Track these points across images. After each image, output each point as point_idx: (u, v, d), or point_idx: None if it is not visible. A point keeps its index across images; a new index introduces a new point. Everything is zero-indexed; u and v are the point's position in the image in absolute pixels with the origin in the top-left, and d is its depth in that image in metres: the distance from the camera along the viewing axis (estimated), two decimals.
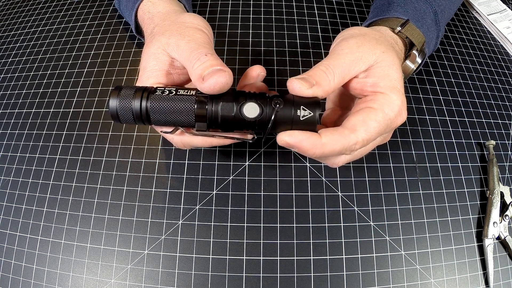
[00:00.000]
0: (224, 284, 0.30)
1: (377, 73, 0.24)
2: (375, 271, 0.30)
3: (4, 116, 0.39)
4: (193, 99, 0.23)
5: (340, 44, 0.26)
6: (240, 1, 0.46)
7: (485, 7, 0.50)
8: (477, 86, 0.42)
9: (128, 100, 0.23)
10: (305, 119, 0.23)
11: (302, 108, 0.23)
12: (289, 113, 0.23)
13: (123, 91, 0.23)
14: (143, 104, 0.23)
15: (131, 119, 0.24)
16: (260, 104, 0.23)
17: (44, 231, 0.32)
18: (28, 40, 0.45)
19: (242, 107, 0.23)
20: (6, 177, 0.35)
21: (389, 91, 0.24)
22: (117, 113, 0.23)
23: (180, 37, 0.25)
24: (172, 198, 0.33)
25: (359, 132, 0.22)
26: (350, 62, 0.24)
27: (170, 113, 0.23)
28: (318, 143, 0.22)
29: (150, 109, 0.23)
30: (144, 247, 0.31)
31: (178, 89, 0.24)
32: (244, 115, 0.23)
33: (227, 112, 0.23)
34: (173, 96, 0.23)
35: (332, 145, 0.22)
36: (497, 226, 0.32)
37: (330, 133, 0.22)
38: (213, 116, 0.23)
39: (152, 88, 0.24)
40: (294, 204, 0.32)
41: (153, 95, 0.23)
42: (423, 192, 0.34)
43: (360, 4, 0.47)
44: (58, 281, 0.31)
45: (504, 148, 0.38)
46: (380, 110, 0.23)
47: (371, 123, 0.23)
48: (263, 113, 0.23)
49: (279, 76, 0.39)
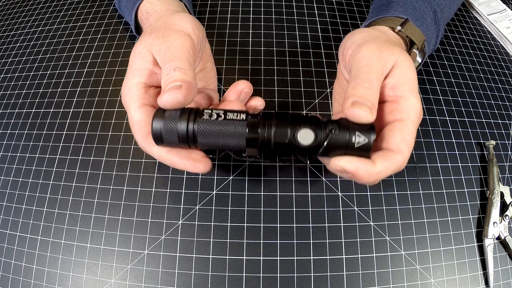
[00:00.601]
0: (224, 284, 0.30)
1: (396, 74, 0.25)
2: (375, 271, 0.30)
3: (4, 116, 0.39)
4: (244, 124, 0.22)
5: (361, 52, 0.25)
6: (240, 1, 0.46)
7: (485, 7, 0.50)
8: (477, 86, 0.42)
9: (174, 122, 0.22)
10: (359, 146, 0.22)
11: (357, 134, 0.22)
12: (343, 139, 0.22)
13: (167, 112, 0.23)
14: (189, 126, 0.22)
15: (175, 140, 0.23)
16: (315, 130, 0.22)
17: (44, 231, 0.32)
18: (28, 40, 0.45)
19: (297, 133, 0.22)
20: (6, 177, 0.35)
21: (409, 94, 0.24)
22: (161, 134, 0.23)
23: (162, 41, 0.25)
24: (172, 198, 0.33)
25: (404, 152, 0.23)
26: (382, 71, 0.24)
27: (219, 137, 0.23)
28: (374, 171, 0.22)
29: (198, 132, 0.22)
30: (144, 247, 0.31)
31: (227, 112, 0.23)
32: (298, 142, 0.22)
33: (281, 138, 0.22)
34: (222, 121, 0.23)
35: (385, 172, 0.22)
36: (497, 226, 0.32)
37: (383, 159, 0.22)
38: (266, 141, 0.23)
39: (199, 110, 0.23)
40: (294, 204, 0.32)
41: (201, 118, 0.23)
42: (423, 192, 0.34)
43: (360, 4, 0.47)
44: (58, 281, 0.31)
45: (504, 148, 0.38)
46: (409, 121, 0.23)
47: (408, 138, 0.23)
48: (317, 139, 0.22)
49: (279, 76, 0.39)
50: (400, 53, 0.25)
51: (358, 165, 0.22)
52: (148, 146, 0.24)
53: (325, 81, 0.39)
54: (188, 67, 0.24)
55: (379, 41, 0.26)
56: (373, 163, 0.22)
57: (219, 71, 0.39)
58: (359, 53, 0.25)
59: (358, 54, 0.25)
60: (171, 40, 0.25)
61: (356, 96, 0.23)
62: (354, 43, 0.27)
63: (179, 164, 0.24)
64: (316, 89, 0.38)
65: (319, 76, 0.39)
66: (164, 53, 0.25)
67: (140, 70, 0.25)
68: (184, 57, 0.25)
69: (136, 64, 0.26)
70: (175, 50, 0.25)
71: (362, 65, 0.25)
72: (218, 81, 0.38)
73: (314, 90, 0.38)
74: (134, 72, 0.25)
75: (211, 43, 0.41)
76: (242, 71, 0.40)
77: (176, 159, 0.24)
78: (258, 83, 0.39)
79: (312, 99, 0.38)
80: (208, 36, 0.37)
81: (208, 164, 0.24)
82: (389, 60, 0.25)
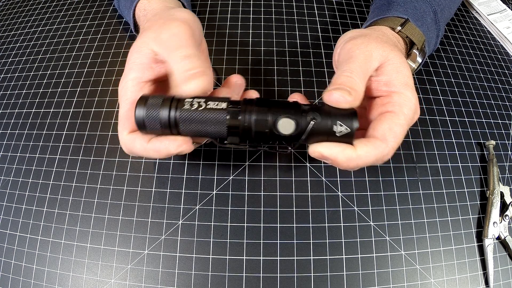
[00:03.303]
0: (224, 284, 0.30)
1: (389, 70, 0.24)
2: (375, 271, 0.30)
3: (4, 116, 0.39)
4: (224, 113, 0.23)
5: (346, 47, 0.26)
6: (240, 1, 0.46)
7: (485, 7, 0.50)
8: (477, 86, 0.42)
9: (156, 109, 0.23)
10: (341, 135, 0.22)
11: (339, 123, 0.22)
12: (325, 128, 0.22)
13: (150, 100, 0.23)
14: (171, 113, 0.23)
15: (158, 127, 0.23)
16: (295, 119, 0.22)
17: (44, 231, 0.32)
18: (28, 40, 0.45)
19: (277, 122, 0.22)
20: (6, 177, 0.35)
21: (403, 89, 0.24)
22: (143, 121, 0.23)
23: (162, 31, 0.25)
24: (172, 198, 0.33)
25: (389, 141, 0.22)
26: (364, 61, 0.24)
27: (201, 126, 0.23)
28: (353, 155, 0.22)
29: (180, 119, 0.23)
30: (144, 247, 0.31)
31: (208, 101, 0.23)
32: (278, 131, 0.22)
33: (261, 127, 0.22)
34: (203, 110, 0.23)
35: (366, 157, 0.22)
36: (497, 226, 0.32)
37: (364, 144, 0.22)
38: (246, 129, 0.23)
39: (181, 98, 0.23)
40: (294, 204, 0.32)
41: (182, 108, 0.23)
42: (423, 192, 0.34)
43: (360, 4, 0.47)
44: (58, 281, 0.31)
45: (504, 148, 0.38)
46: (401, 113, 0.23)
47: (397, 129, 0.23)
48: (298, 128, 0.22)
49: (279, 76, 0.39)
50: (390, 50, 0.25)
51: (336, 150, 0.22)
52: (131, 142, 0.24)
53: (325, 81, 0.39)
54: (197, 53, 0.24)
55: (367, 37, 0.26)
56: (353, 148, 0.22)
57: (219, 71, 0.39)
58: (344, 49, 0.26)
59: (344, 50, 0.26)
60: (173, 27, 0.25)
61: (336, 84, 0.23)
62: (342, 41, 0.27)
63: (163, 150, 0.23)
64: (316, 89, 0.38)
65: (319, 76, 0.39)
66: (168, 41, 0.24)
67: (137, 65, 0.25)
68: (191, 43, 0.24)
69: (134, 58, 0.26)
70: (179, 37, 0.24)
71: (345, 59, 0.25)
72: (218, 81, 0.38)
73: (314, 90, 0.38)
74: (131, 67, 0.25)
75: (211, 43, 0.41)
76: (242, 71, 0.40)
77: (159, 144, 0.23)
78: (258, 83, 0.39)
79: (312, 99, 0.38)
80: (208, 36, 0.37)
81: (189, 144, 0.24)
82: (376, 53, 0.24)
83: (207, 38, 0.34)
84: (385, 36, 0.30)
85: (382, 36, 0.29)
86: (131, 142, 0.24)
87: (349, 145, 0.22)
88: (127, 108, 0.25)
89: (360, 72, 0.23)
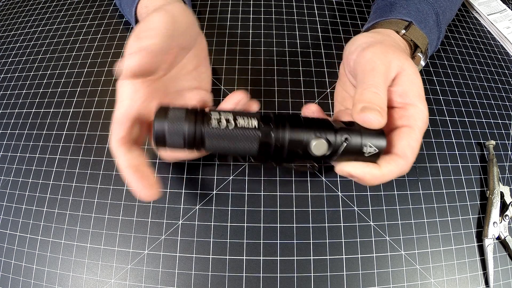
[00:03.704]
0: (224, 284, 0.30)
1: (404, 81, 0.25)
2: (375, 271, 0.30)
3: (4, 116, 0.39)
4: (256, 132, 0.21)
5: (365, 56, 0.25)
6: (240, 1, 0.46)
7: (485, 7, 0.50)
8: (477, 86, 0.42)
9: (179, 123, 0.21)
10: (369, 155, 0.23)
11: (369, 145, 0.22)
12: (355, 149, 0.22)
13: (171, 112, 0.21)
14: (197, 129, 0.21)
15: (180, 144, 0.22)
16: (328, 140, 0.22)
17: (44, 231, 0.32)
18: (28, 40, 0.45)
19: (311, 144, 0.22)
20: (6, 177, 0.35)
21: (418, 101, 0.24)
22: (164, 136, 0.21)
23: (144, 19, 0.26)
24: (172, 198, 0.33)
25: (409, 158, 0.23)
26: (386, 74, 0.24)
27: (230, 145, 0.22)
28: (378, 174, 0.23)
29: (207, 135, 0.21)
30: (144, 247, 0.31)
31: (237, 117, 0.22)
32: (311, 152, 0.22)
33: (294, 147, 0.22)
34: (233, 129, 0.21)
35: (390, 175, 0.23)
36: (497, 226, 0.32)
37: (388, 163, 0.23)
38: (278, 150, 0.22)
39: (206, 112, 0.22)
40: (294, 204, 0.32)
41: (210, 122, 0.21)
42: (423, 192, 0.34)
43: (360, 4, 0.47)
44: (58, 281, 0.31)
45: (504, 148, 0.38)
46: (416, 127, 0.24)
47: (414, 144, 0.24)
48: (330, 149, 0.22)
49: (279, 76, 0.39)
50: (405, 59, 0.25)
51: (364, 170, 0.23)
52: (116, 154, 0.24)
53: (325, 81, 0.39)
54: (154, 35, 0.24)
55: (384, 45, 0.26)
56: (378, 167, 0.23)
57: (219, 71, 0.39)
58: (364, 58, 0.25)
59: (363, 59, 0.26)
60: (150, 16, 0.26)
61: (364, 102, 0.23)
62: (359, 47, 0.27)
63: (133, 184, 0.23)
64: (316, 89, 0.38)
65: (319, 76, 0.39)
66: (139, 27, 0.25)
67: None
68: (154, 26, 0.25)
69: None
70: (148, 22, 0.25)
71: (367, 69, 0.25)
72: (218, 81, 0.38)
73: (314, 90, 0.38)
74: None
75: (211, 43, 0.41)
76: (242, 71, 0.40)
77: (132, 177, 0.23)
78: (258, 83, 0.39)
79: (312, 99, 0.38)
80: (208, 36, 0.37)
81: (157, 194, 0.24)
82: (394, 64, 0.25)
83: (207, 38, 0.34)
84: (396, 43, 0.30)
85: (394, 43, 0.29)
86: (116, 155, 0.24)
87: (375, 164, 0.23)
88: (123, 111, 0.24)
89: (384, 87, 0.24)
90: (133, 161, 0.23)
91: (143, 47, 0.24)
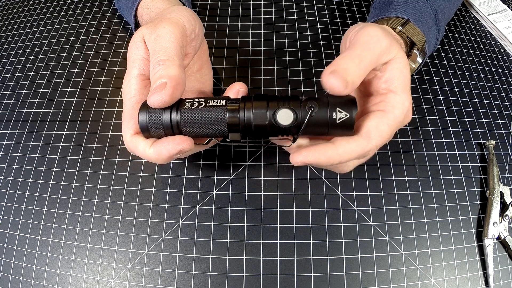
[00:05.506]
0: (224, 284, 0.30)
1: (394, 69, 0.24)
2: (375, 271, 0.30)
3: (4, 116, 0.39)
4: (223, 109, 0.23)
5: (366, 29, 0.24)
6: (240, 1, 0.46)
7: (485, 7, 0.50)
8: (477, 86, 0.42)
9: (158, 114, 0.23)
10: (341, 121, 0.22)
11: (338, 110, 0.22)
12: (324, 116, 0.22)
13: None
14: (173, 116, 0.23)
15: (161, 132, 0.24)
16: (294, 109, 0.22)
17: (44, 231, 0.32)
18: (28, 40, 0.45)
19: (276, 114, 0.22)
20: (6, 177, 0.35)
21: (401, 91, 0.24)
22: (147, 127, 0.23)
23: (153, 30, 0.25)
24: (172, 198, 0.33)
25: (373, 139, 0.22)
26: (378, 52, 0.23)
27: (202, 124, 0.23)
28: (334, 155, 0.22)
29: (181, 121, 0.23)
30: (144, 247, 0.31)
31: (208, 100, 0.24)
32: (278, 123, 0.22)
33: (260, 120, 0.23)
34: (203, 108, 0.23)
35: (348, 155, 0.22)
36: (497, 226, 0.32)
37: (346, 141, 0.22)
38: (246, 124, 0.23)
39: (182, 100, 0.24)
40: (294, 204, 0.32)
41: (183, 108, 0.23)
42: (423, 192, 0.34)
43: (360, 4, 0.47)
44: (58, 281, 0.31)
45: (504, 148, 0.38)
46: (391, 113, 0.23)
47: (383, 128, 0.23)
48: (297, 119, 0.22)
49: (279, 76, 0.39)
50: (399, 50, 0.25)
51: (316, 155, 0.22)
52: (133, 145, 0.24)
53: None
54: (174, 57, 0.24)
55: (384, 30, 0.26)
56: (334, 146, 0.22)
57: (219, 71, 0.39)
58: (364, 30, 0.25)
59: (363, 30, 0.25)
60: (160, 28, 0.25)
61: (340, 66, 0.22)
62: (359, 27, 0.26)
63: (163, 151, 0.23)
64: (316, 89, 0.38)
65: (319, 76, 0.39)
66: (153, 43, 0.25)
67: (137, 61, 0.25)
68: (171, 46, 0.24)
69: (133, 54, 0.26)
70: (163, 39, 0.25)
71: (362, 40, 0.24)
72: (218, 81, 0.38)
73: (314, 90, 0.38)
74: (132, 64, 0.26)
75: (211, 43, 0.41)
76: (242, 71, 0.40)
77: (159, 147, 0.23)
78: (258, 83, 0.39)
79: None
80: (208, 36, 0.37)
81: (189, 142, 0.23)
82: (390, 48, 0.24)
83: (207, 38, 0.34)
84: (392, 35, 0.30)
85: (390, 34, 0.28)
86: (134, 145, 0.24)
87: (329, 145, 0.22)
88: (131, 107, 0.25)
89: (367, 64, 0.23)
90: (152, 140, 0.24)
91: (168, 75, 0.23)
